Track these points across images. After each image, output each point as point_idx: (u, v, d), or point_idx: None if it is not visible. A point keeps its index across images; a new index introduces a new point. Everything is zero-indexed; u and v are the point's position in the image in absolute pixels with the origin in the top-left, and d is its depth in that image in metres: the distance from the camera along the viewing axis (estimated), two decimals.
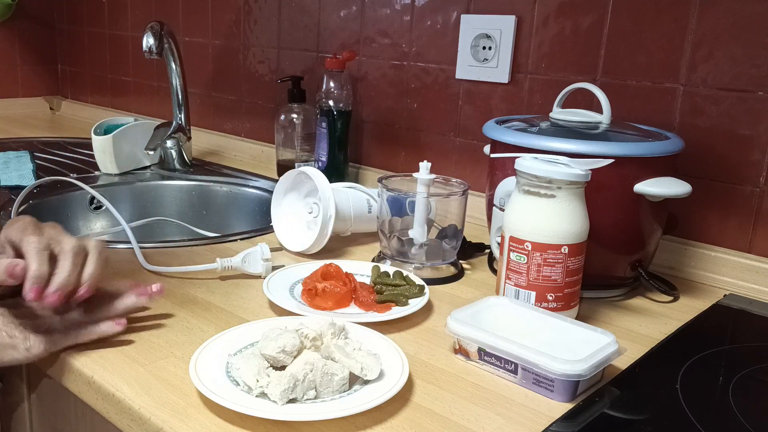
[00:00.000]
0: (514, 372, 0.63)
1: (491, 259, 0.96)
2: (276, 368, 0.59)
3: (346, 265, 0.84)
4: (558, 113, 0.89)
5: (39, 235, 0.63)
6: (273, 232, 1.00)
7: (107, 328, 0.66)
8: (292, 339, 0.60)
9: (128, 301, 0.69)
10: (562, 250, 0.71)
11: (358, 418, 0.56)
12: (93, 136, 1.34)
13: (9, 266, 0.60)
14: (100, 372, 0.62)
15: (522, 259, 0.73)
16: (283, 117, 1.35)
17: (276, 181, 1.03)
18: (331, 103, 1.24)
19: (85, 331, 0.65)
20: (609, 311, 0.82)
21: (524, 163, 0.73)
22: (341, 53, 1.26)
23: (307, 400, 0.57)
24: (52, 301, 0.61)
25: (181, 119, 1.43)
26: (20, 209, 1.10)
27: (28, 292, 0.60)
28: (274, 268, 0.86)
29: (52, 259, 0.63)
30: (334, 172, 1.27)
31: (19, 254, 0.63)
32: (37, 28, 2.12)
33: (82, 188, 1.19)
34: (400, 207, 0.91)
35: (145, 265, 0.86)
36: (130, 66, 1.91)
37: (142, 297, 0.69)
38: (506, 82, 1.11)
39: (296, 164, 1.32)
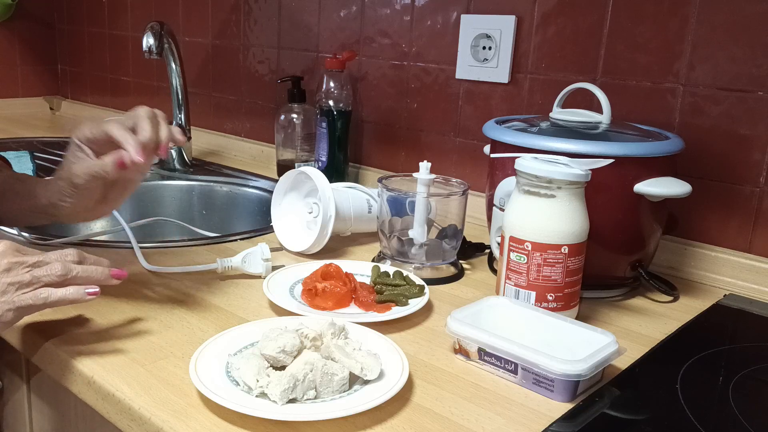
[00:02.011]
0: (514, 372, 0.63)
1: (491, 259, 0.96)
2: (276, 368, 0.59)
3: (346, 265, 0.84)
4: (558, 113, 0.89)
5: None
6: (273, 232, 1.00)
7: (74, 292, 0.64)
8: (292, 339, 0.60)
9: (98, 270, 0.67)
10: (562, 250, 0.71)
11: (358, 418, 0.56)
12: None
13: (118, 160, 0.68)
14: (100, 372, 0.62)
15: (522, 259, 0.73)
16: (283, 117, 1.35)
17: (276, 181, 1.03)
18: (331, 103, 1.25)
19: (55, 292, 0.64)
20: (609, 311, 0.82)
21: (524, 163, 0.73)
22: (341, 53, 1.26)
23: (307, 400, 0.57)
24: (145, 156, 0.69)
25: (181, 119, 1.43)
26: None
27: (136, 155, 0.68)
28: (274, 268, 0.86)
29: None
30: (334, 172, 1.27)
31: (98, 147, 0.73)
32: (37, 28, 2.12)
33: None
34: (400, 207, 0.91)
35: (145, 265, 0.86)
36: (130, 66, 1.91)
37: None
38: (506, 82, 1.11)
39: (296, 164, 1.32)
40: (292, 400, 0.56)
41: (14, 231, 0.95)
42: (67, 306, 0.72)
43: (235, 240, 1.00)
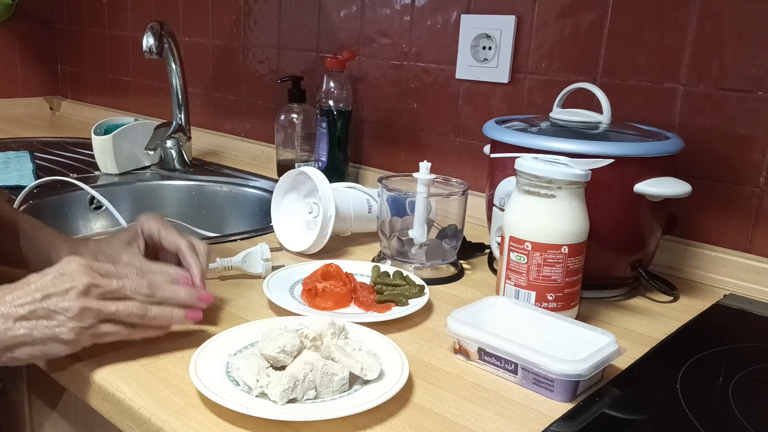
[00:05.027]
0: (514, 372, 0.63)
1: (491, 259, 0.96)
2: (276, 368, 0.59)
3: (346, 265, 0.84)
4: (558, 113, 0.89)
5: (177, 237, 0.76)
6: (273, 232, 1.00)
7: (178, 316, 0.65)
8: (292, 339, 0.60)
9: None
10: (562, 250, 0.71)
11: (358, 418, 0.56)
12: (93, 136, 1.34)
13: (184, 279, 0.68)
14: (100, 372, 0.62)
15: (522, 259, 0.73)
16: (283, 117, 1.35)
17: (276, 181, 1.03)
18: (331, 103, 1.24)
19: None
20: (609, 311, 0.82)
21: (524, 163, 0.73)
22: (341, 53, 1.26)
23: (307, 400, 0.57)
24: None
25: (181, 119, 1.43)
26: (20, 209, 1.10)
27: (198, 281, 0.72)
28: (274, 268, 0.86)
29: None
30: (334, 172, 1.27)
31: (153, 245, 0.78)
32: (37, 28, 2.12)
33: (82, 188, 1.19)
34: (400, 207, 0.91)
35: None
36: (130, 66, 1.91)
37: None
38: (506, 82, 1.11)
39: (296, 164, 1.32)
40: (292, 400, 0.56)
41: None
42: None
43: (235, 240, 1.00)
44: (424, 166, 0.88)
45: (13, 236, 0.78)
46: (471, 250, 0.98)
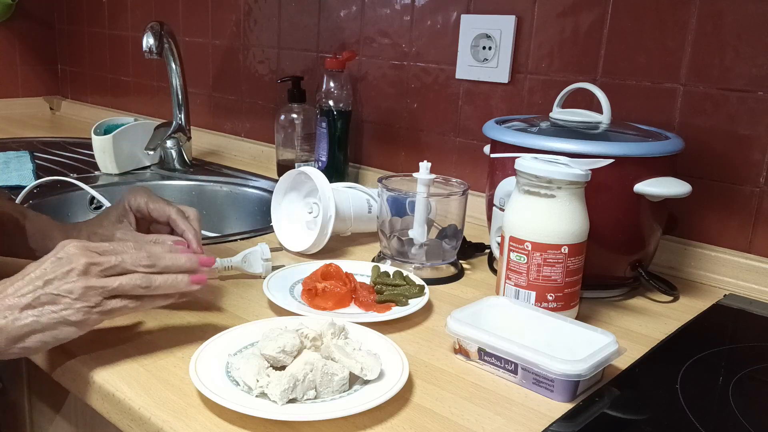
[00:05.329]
0: (514, 372, 0.63)
1: (491, 259, 0.96)
2: (276, 368, 0.59)
3: (346, 265, 0.84)
4: (558, 113, 0.89)
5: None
6: (273, 232, 1.00)
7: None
8: (292, 339, 0.60)
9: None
10: (562, 250, 0.71)
11: (358, 418, 0.56)
12: (93, 136, 1.34)
13: (181, 246, 0.69)
14: (100, 372, 0.62)
15: (522, 259, 0.73)
16: (283, 117, 1.35)
17: (276, 181, 1.03)
18: (331, 103, 1.24)
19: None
20: (609, 311, 0.82)
21: (524, 163, 0.73)
22: (341, 53, 1.26)
23: (307, 400, 0.57)
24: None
25: (181, 119, 1.43)
26: None
27: (197, 246, 0.75)
28: (274, 268, 0.86)
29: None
30: (334, 172, 1.27)
31: (143, 218, 0.79)
32: (37, 28, 2.12)
33: (82, 188, 1.19)
34: (400, 207, 0.91)
35: None
36: (130, 66, 1.91)
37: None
38: (506, 82, 1.11)
39: (296, 164, 1.32)
40: (292, 400, 0.56)
41: None
42: None
43: (235, 240, 1.00)
44: (424, 166, 0.88)
45: (6, 229, 0.78)
46: (471, 250, 0.98)
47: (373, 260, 0.93)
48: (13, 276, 0.59)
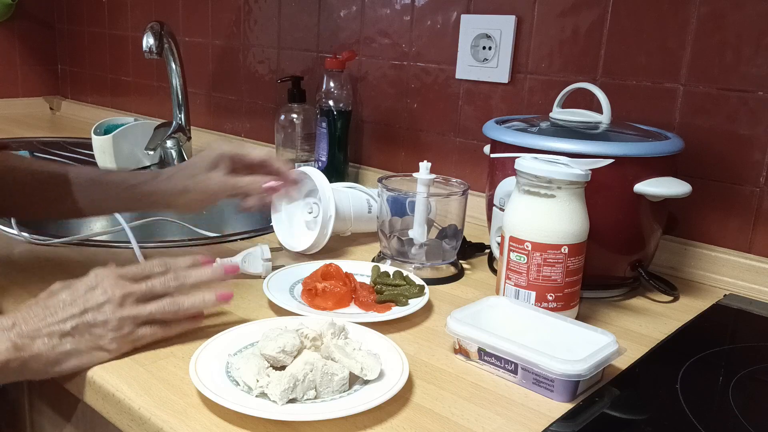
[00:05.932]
0: (514, 372, 0.63)
1: (491, 259, 0.96)
2: (276, 368, 0.59)
3: (346, 265, 0.84)
4: (558, 113, 0.89)
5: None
6: (273, 232, 1.00)
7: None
8: (292, 339, 0.60)
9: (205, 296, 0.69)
10: (562, 250, 0.71)
11: (358, 418, 0.56)
12: (93, 136, 1.34)
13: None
14: (100, 372, 0.62)
15: (522, 259, 0.73)
16: (283, 117, 1.35)
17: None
18: (331, 103, 1.24)
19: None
20: (609, 311, 0.82)
21: (524, 163, 0.73)
22: (341, 53, 1.26)
23: (307, 400, 0.57)
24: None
25: (181, 119, 1.43)
26: None
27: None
28: (274, 268, 0.86)
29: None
30: (334, 172, 1.27)
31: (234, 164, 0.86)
32: (37, 28, 2.12)
33: None
34: (400, 207, 0.91)
35: None
36: (130, 66, 1.91)
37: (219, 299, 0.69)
38: (506, 82, 1.11)
39: (296, 164, 1.32)
40: (292, 400, 0.56)
41: (13, 231, 0.95)
42: None
43: (235, 240, 1.00)
44: (424, 166, 0.88)
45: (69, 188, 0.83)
46: (471, 250, 0.98)
47: (373, 260, 0.93)
48: (40, 299, 0.62)
